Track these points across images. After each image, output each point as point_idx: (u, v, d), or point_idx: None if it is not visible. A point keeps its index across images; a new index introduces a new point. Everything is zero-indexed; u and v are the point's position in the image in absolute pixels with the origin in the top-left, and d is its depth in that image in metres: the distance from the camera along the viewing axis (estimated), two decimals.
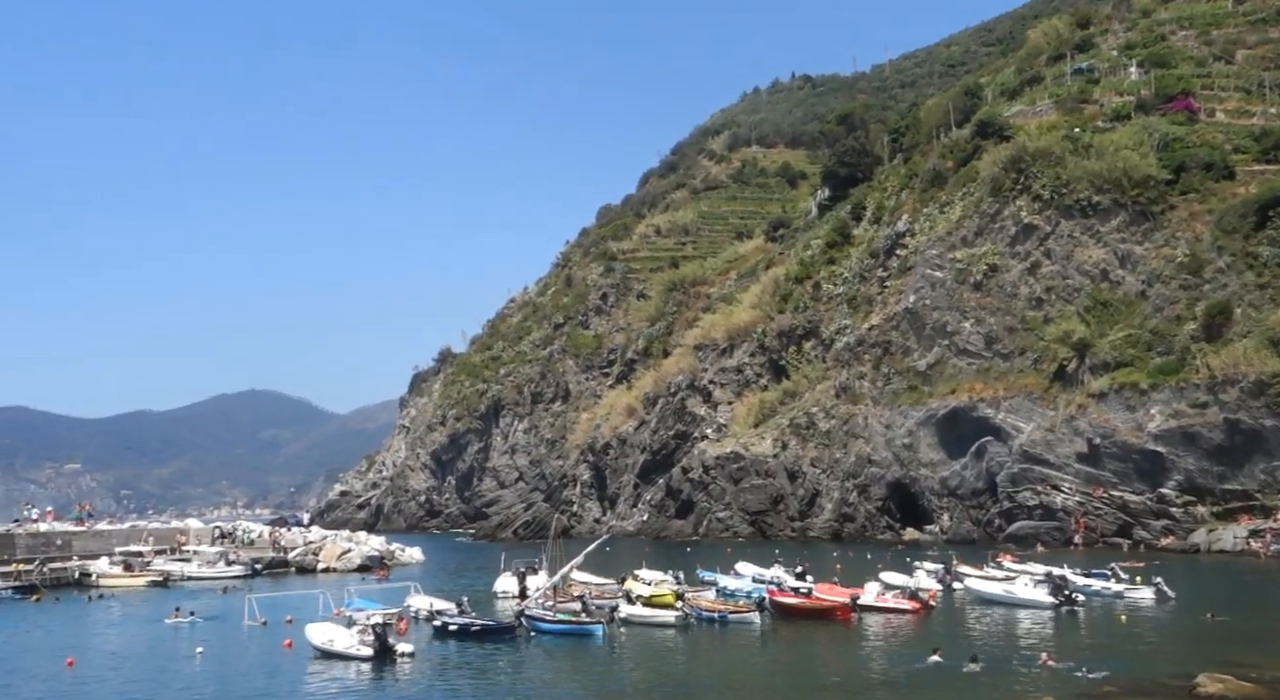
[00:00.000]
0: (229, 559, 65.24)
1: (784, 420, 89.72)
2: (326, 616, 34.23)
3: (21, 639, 38.18)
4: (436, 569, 66.82)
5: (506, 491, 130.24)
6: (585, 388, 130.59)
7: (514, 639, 34.26)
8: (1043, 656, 26.91)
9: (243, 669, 29.92)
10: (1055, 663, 26.28)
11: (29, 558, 61.34)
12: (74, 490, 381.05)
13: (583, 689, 25.80)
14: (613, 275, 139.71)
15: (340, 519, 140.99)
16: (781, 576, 46.42)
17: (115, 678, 28.66)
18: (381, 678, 28.07)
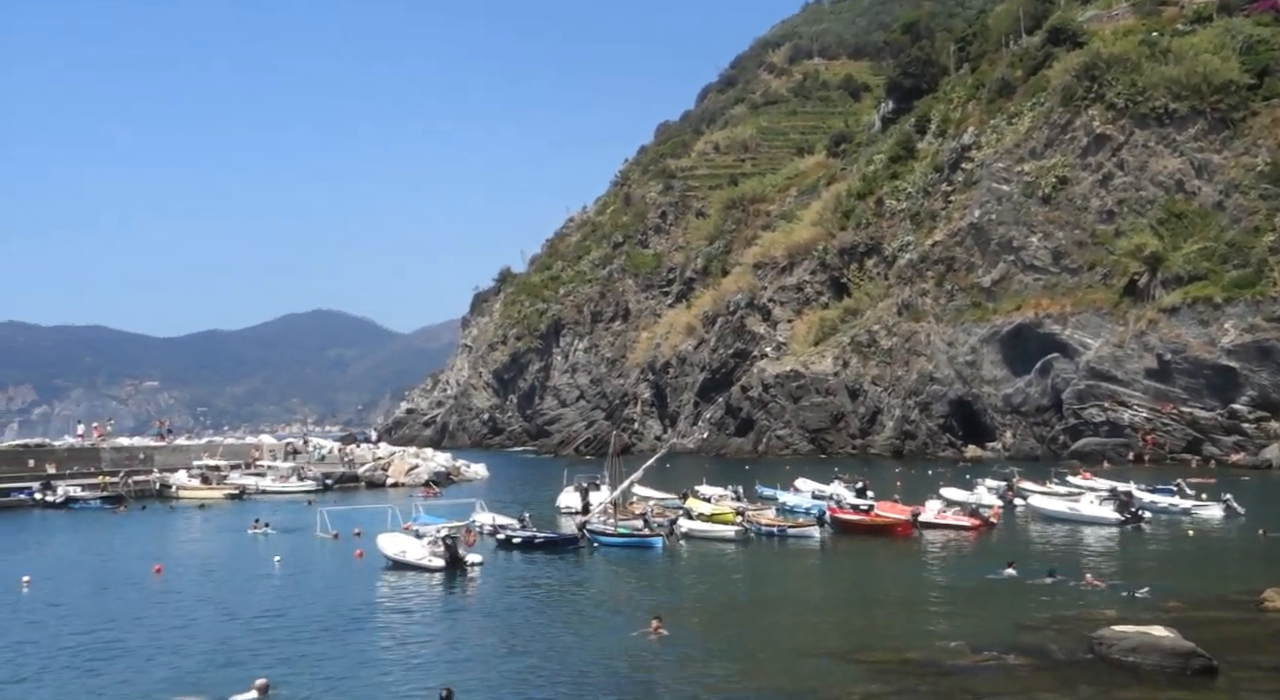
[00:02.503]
0: (301, 474, 67.37)
1: (845, 338, 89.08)
2: (395, 530, 35.29)
3: (111, 546, 40.10)
4: (500, 485, 68.33)
5: (568, 410, 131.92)
6: (645, 306, 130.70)
7: (576, 552, 35.06)
8: (1086, 577, 26.80)
9: (320, 577, 31.15)
10: (1100, 583, 26.16)
11: (114, 470, 64.11)
12: (153, 407, 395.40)
13: (644, 599, 26.43)
14: (671, 193, 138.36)
15: (407, 436, 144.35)
16: (841, 493, 46.65)
17: (202, 584, 30.04)
18: (453, 586, 29.03)
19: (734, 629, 22.72)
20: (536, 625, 23.27)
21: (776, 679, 18.06)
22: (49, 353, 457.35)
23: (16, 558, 36.89)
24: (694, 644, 20.86)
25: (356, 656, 20.44)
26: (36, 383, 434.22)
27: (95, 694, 17.85)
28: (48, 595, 28.54)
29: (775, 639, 21.58)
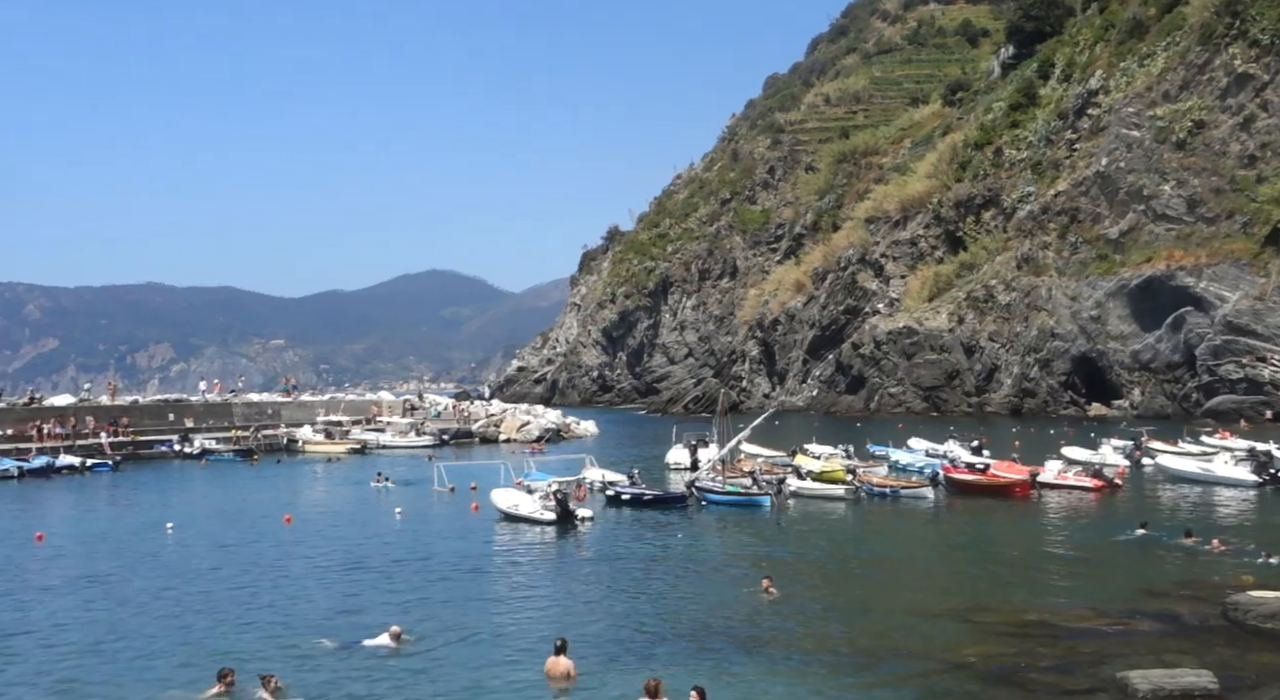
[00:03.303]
0: (419, 429, 69.40)
1: (960, 293, 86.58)
2: (508, 485, 36.04)
3: (244, 497, 42.17)
4: (610, 441, 69.05)
5: (676, 367, 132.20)
6: (753, 263, 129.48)
7: (684, 508, 35.19)
8: (1214, 541, 25.48)
9: (437, 529, 32.11)
10: (1229, 547, 24.88)
11: (245, 424, 67.30)
12: (279, 364, 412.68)
13: (752, 556, 26.39)
14: (780, 148, 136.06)
15: (518, 393, 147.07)
16: (956, 452, 45.60)
17: (329, 534, 31.30)
18: (564, 541, 29.54)
19: (845, 589, 22.50)
20: (646, 580, 23.48)
21: (889, 639, 17.83)
22: (184, 313, 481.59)
23: (160, 505, 39.16)
24: (805, 603, 20.73)
25: (473, 605, 21.01)
26: (174, 341, 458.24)
27: (236, 635, 18.78)
28: (189, 541, 30.21)
29: (887, 599, 21.29)
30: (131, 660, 17.12)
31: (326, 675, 15.91)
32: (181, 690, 15.18)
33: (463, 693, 15.09)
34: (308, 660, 16.80)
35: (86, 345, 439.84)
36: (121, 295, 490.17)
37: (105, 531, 32.90)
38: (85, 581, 24.25)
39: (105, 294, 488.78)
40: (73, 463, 53.17)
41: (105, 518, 37.47)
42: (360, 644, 17.55)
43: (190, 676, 15.91)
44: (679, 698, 13.83)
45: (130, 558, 27.39)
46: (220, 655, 16.81)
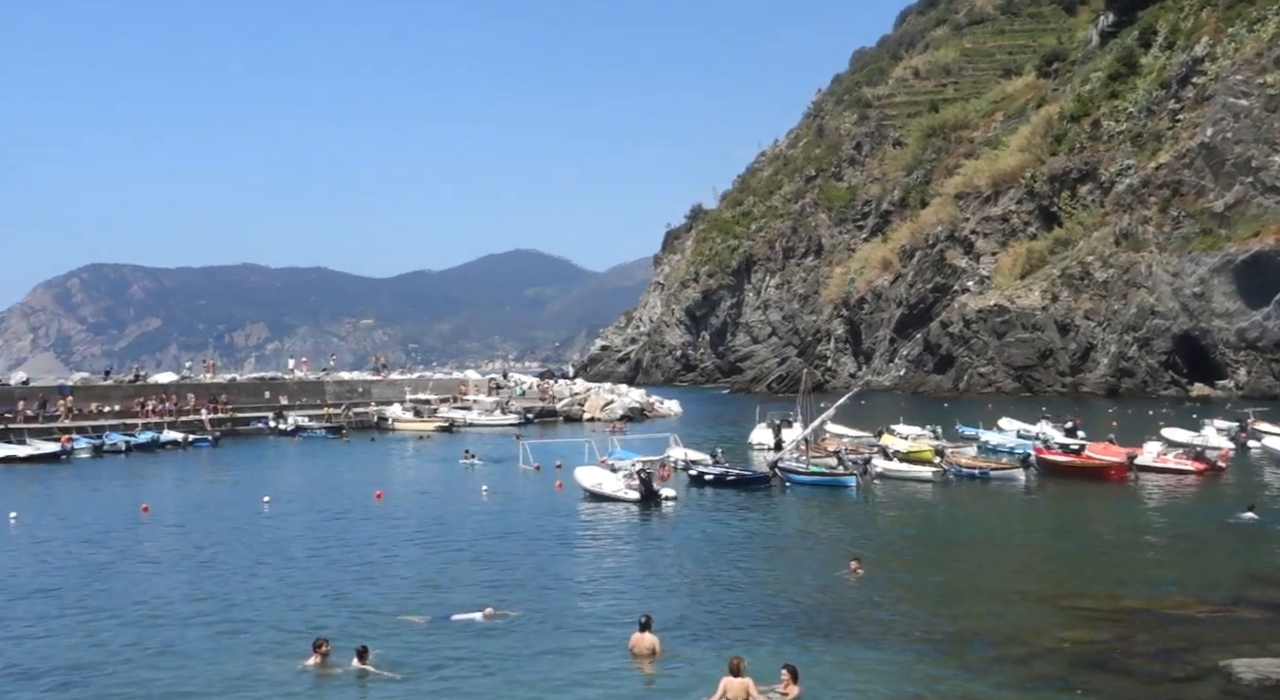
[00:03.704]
0: (504, 408, 70.36)
1: (1054, 270, 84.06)
2: (592, 463, 36.27)
3: (336, 472, 43.34)
4: (693, 421, 69.01)
5: (759, 346, 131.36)
6: (838, 241, 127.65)
7: (768, 488, 34.97)
8: None
9: (523, 506, 32.51)
10: None
11: (337, 402, 69.11)
12: (369, 343, 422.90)
13: (835, 536, 26.11)
14: (867, 123, 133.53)
15: (602, 372, 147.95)
16: (1049, 433, 44.39)
17: (418, 509, 31.95)
18: (648, 519, 29.63)
19: (933, 571, 22.09)
20: (729, 560, 23.42)
21: (980, 622, 17.45)
22: (278, 293, 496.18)
23: (257, 480, 40.52)
24: (892, 585, 20.43)
25: (558, 582, 21.23)
26: (269, 320, 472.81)
27: (329, 607, 19.31)
28: (284, 514, 31.17)
29: (978, 582, 20.84)
30: (229, 630, 17.72)
31: (417, 648, 16.23)
32: (278, 660, 15.65)
33: (548, 668, 15.26)
34: (399, 633, 17.17)
35: (187, 324, 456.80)
36: (219, 276, 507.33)
37: (206, 504, 34.17)
38: (187, 552, 25.20)
39: (204, 275, 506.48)
40: (176, 438, 55.35)
41: (206, 491, 38.92)
42: (451, 618, 17.87)
43: (286, 647, 16.39)
44: (769, 677, 13.77)
45: (229, 530, 28.39)
46: (315, 626, 17.30)
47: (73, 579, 22.09)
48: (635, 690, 14.61)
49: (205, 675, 15.04)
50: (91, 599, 20.09)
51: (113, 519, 30.73)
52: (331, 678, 14.81)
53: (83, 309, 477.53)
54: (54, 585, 21.38)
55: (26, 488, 38.89)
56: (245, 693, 14.30)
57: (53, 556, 24.78)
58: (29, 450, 48.54)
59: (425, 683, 14.60)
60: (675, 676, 14.90)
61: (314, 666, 15.05)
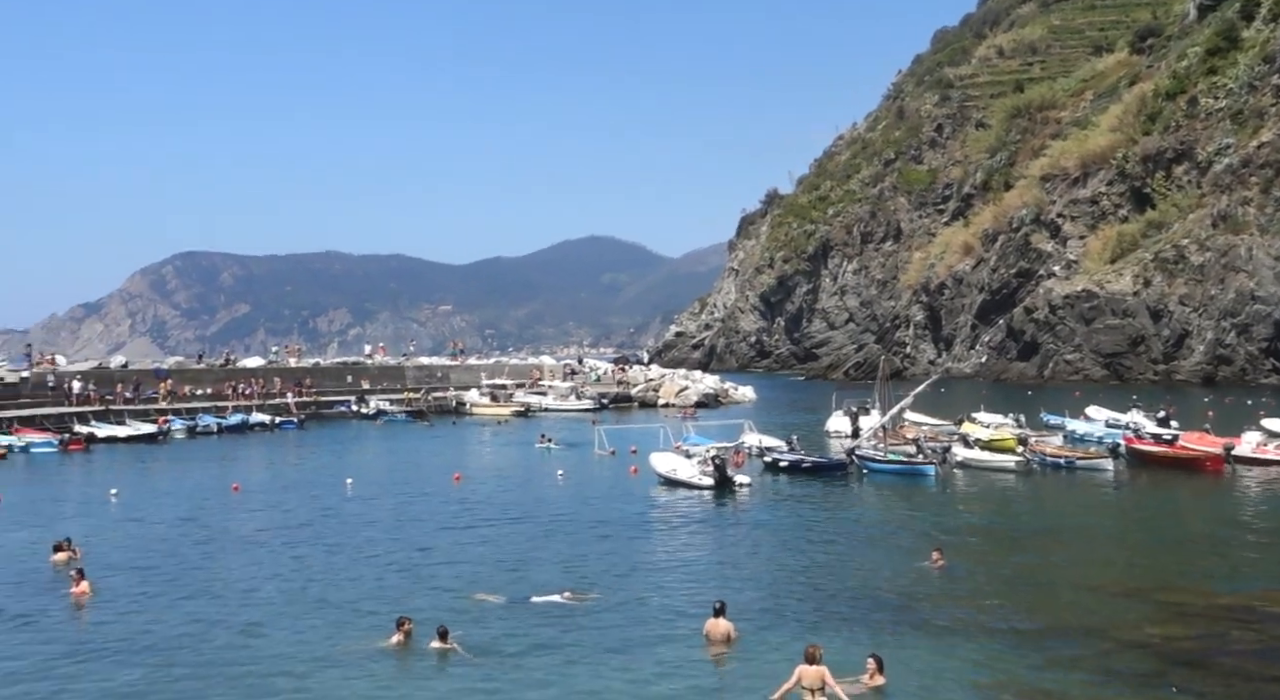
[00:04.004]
0: (579, 393, 70.82)
1: (1147, 254, 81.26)
2: (667, 449, 36.26)
3: (416, 455, 44.16)
4: (768, 407, 68.58)
5: (836, 333, 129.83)
6: (918, 226, 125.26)
7: (844, 476, 34.57)
8: None
9: (598, 491, 32.70)
10: None
11: (416, 387, 70.39)
12: (447, 329, 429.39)
13: (915, 526, 25.68)
14: (949, 104, 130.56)
15: (676, 358, 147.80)
16: (1140, 422, 43.00)
17: (495, 493, 32.38)
18: (722, 505, 29.54)
19: (1017, 562, 21.57)
20: (805, 548, 23.21)
21: (1066, 615, 17.00)
22: (360, 281, 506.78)
23: (340, 462, 41.50)
24: (975, 576, 20.03)
25: (633, 567, 21.29)
26: (351, 306, 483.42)
27: (410, 587, 19.67)
28: (366, 496, 31.85)
29: (1064, 574, 20.29)
30: (313, 607, 18.17)
31: (495, 629, 16.43)
32: (362, 637, 15.98)
33: (623, 652, 15.32)
34: (478, 614, 17.41)
35: (274, 310, 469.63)
36: (304, 263, 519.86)
37: (292, 485, 35.11)
38: (274, 531, 25.92)
39: (289, 262, 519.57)
40: (263, 420, 57.04)
41: (292, 472, 39.99)
42: (531, 600, 18.03)
43: (370, 624, 16.73)
44: (851, 666, 13.65)
45: (314, 510, 29.11)
46: (396, 606, 17.62)
47: (167, 555, 22.90)
48: (711, 676, 14.59)
49: (290, 651, 15.45)
50: (185, 575, 20.80)
51: (205, 498, 31.79)
52: (413, 657, 15.07)
53: (176, 295, 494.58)
54: (150, 561, 22.18)
55: (126, 466, 40.44)
56: (330, 669, 14.64)
57: (149, 533, 25.72)
58: (129, 431, 50.54)
59: (503, 664, 14.78)
60: (751, 663, 14.84)
61: (396, 645, 15.34)
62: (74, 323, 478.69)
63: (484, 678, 14.23)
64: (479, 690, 13.78)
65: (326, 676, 14.28)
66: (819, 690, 13.07)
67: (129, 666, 14.98)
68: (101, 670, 14.80)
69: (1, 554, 23.20)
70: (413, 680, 14.26)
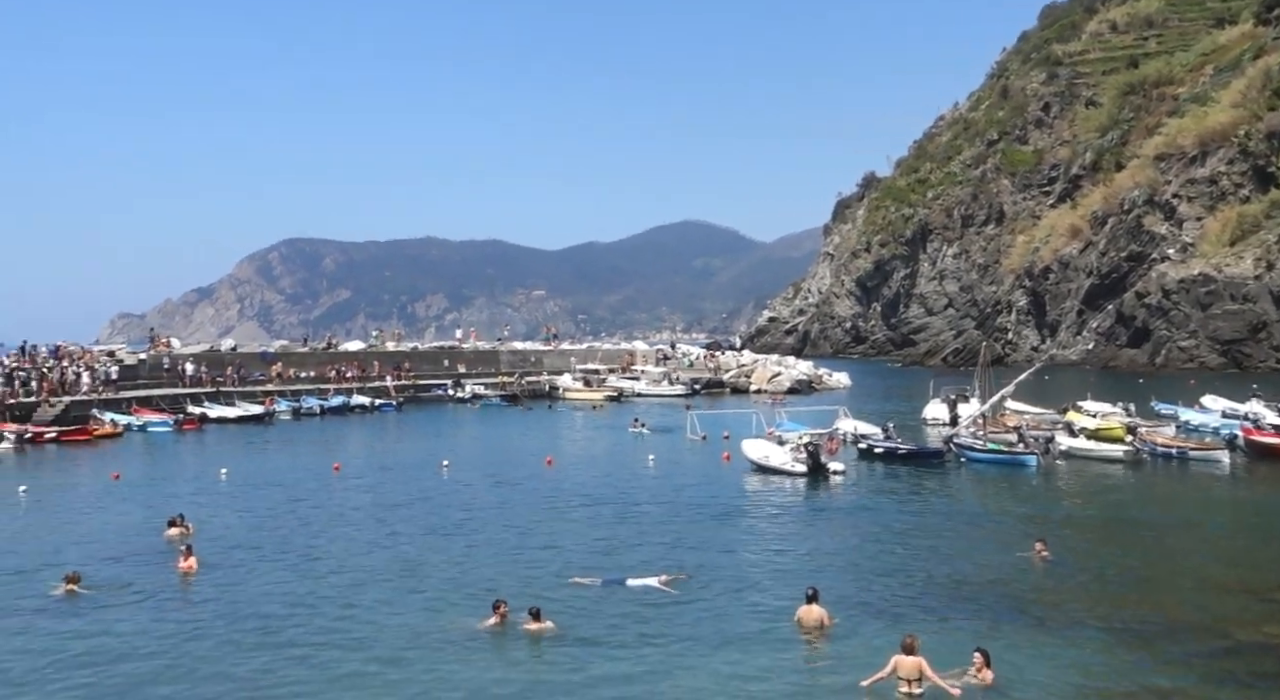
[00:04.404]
0: (671, 378, 70.79)
1: (1270, 236, 77.27)
2: (759, 435, 35.95)
3: (509, 439, 44.76)
4: (863, 394, 67.51)
5: (934, 318, 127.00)
6: (1022, 208, 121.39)
7: (942, 465, 33.78)
8: None
9: (690, 477, 32.60)
10: None
11: (510, 371, 71.36)
12: (540, 314, 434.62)
13: (1016, 516, 24.91)
14: (1057, 82, 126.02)
15: (769, 344, 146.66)
16: (1260, 412, 40.94)
17: (588, 477, 32.54)
18: (815, 492, 29.15)
19: (1125, 556, 20.69)
20: (902, 536, 22.73)
21: (1179, 612, 16.26)
22: (457, 266, 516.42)
23: (436, 444, 42.33)
24: (1081, 570, 19.29)
25: (725, 553, 21.14)
26: (448, 291, 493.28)
27: (505, 568, 19.92)
28: (462, 478, 32.39)
29: (1175, 570, 19.42)
30: (412, 587, 18.53)
31: (589, 612, 16.50)
32: (457, 618, 16.20)
33: (716, 636, 15.23)
34: (572, 596, 17.50)
35: (373, 295, 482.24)
36: (403, 249, 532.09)
37: (390, 466, 35.93)
38: (373, 511, 26.55)
39: (389, 248, 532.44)
40: (364, 402, 58.59)
41: (390, 453, 40.95)
42: (627, 583, 18.05)
43: (464, 606, 16.96)
44: (950, 659, 13.32)
45: (411, 491, 29.74)
46: (492, 587, 17.85)
47: (272, 533, 23.66)
48: (803, 663, 14.40)
49: (388, 629, 15.76)
50: (287, 552, 21.45)
51: (309, 477, 32.78)
52: (508, 638, 15.21)
53: (282, 281, 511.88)
54: (255, 539, 22.93)
55: (235, 446, 42.00)
56: (426, 648, 14.90)
57: (255, 511, 26.62)
58: (238, 411, 52.52)
59: (596, 646, 14.83)
60: (845, 651, 14.61)
61: (492, 626, 15.51)
62: (187, 307, 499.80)
63: (577, 660, 14.30)
64: (572, 672, 13.85)
65: (424, 655, 14.52)
66: (915, 681, 12.79)
67: (232, 640, 15.49)
68: (206, 644, 15.32)
69: (119, 528, 24.30)
70: (508, 662, 14.41)
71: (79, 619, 16.61)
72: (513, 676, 13.77)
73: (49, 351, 53.86)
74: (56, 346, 55.59)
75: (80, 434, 43.21)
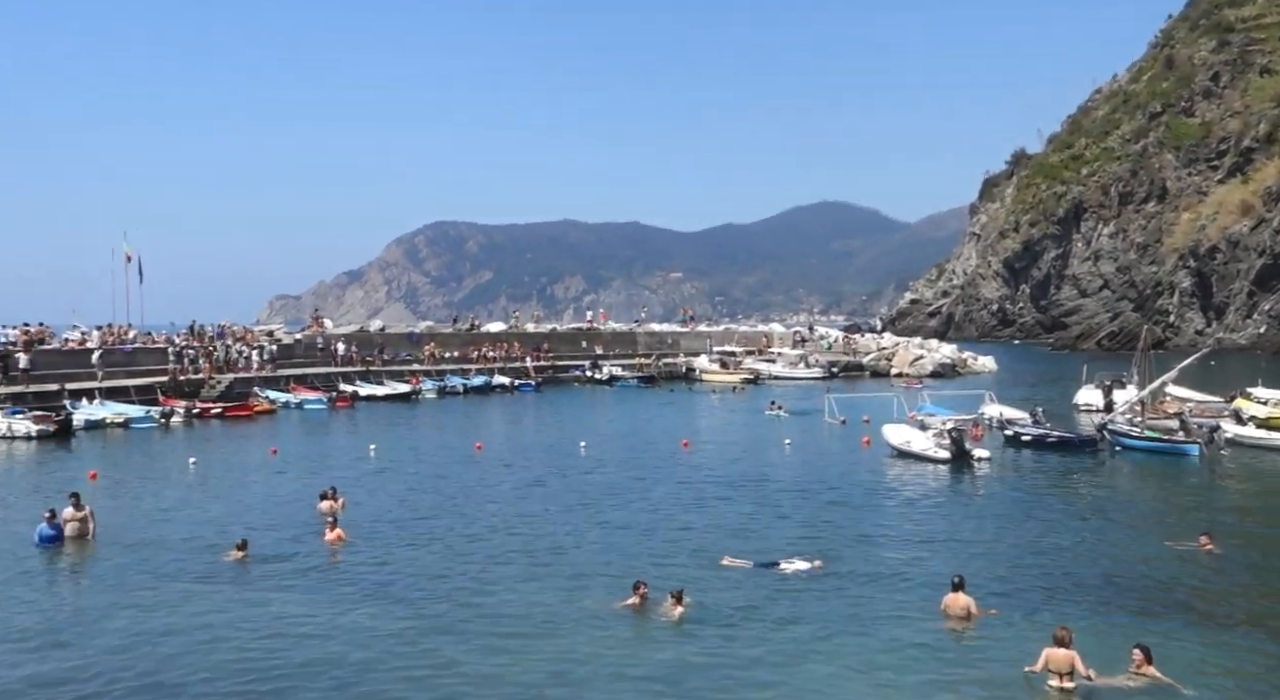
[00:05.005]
0: (808, 361, 69.88)
1: None
2: (900, 419, 35.07)
3: (646, 421, 45.06)
4: (1010, 378, 65.14)
5: (1088, 300, 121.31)
6: (1186, 184, 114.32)
7: (1095, 453, 32.22)
8: None
9: (828, 462, 32.10)
10: None
11: (647, 353, 71.83)
12: (678, 296, 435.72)
13: (1176, 508, 23.52)
14: (1228, 50, 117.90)
15: (911, 326, 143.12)
16: None
17: (725, 460, 32.41)
18: (959, 480, 28.27)
19: None
20: (1051, 526, 21.78)
21: None
22: (594, 247, 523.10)
23: (574, 424, 43.02)
24: (1253, 567, 18.08)
25: (867, 538, 20.72)
26: (585, 273, 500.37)
27: (644, 550, 20.07)
28: (600, 458, 32.77)
29: None
30: (551, 565, 18.80)
31: (731, 594, 16.39)
32: (599, 598, 16.36)
33: (856, 624, 14.93)
34: (711, 578, 17.43)
35: (514, 277, 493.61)
36: (543, 231, 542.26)
37: (530, 445, 36.72)
38: (513, 490, 27.14)
39: (529, 231, 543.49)
40: (504, 383, 60.15)
41: (530, 433, 41.86)
42: (777, 567, 17.85)
43: (604, 585, 17.11)
44: (1105, 654, 12.73)
45: (550, 470, 30.28)
46: (630, 567, 18.00)
47: (415, 508, 24.46)
48: (947, 652, 13.99)
49: (529, 608, 15.98)
50: (430, 528, 22.10)
51: (452, 455, 33.82)
52: (649, 620, 15.28)
53: (427, 263, 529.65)
54: (399, 513, 23.76)
55: (383, 423, 43.71)
56: (565, 625, 15.09)
57: (401, 486, 27.61)
58: (386, 390, 54.66)
59: (737, 629, 14.73)
60: (992, 642, 14.12)
61: (632, 607, 15.61)
62: (339, 289, 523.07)
63: (715, 642, 14.26)
64: (709, 654, 13.81)
65: (564, 634, 14.69)
66: (1067, 675, 12.30)
67: (376, 607, 16.10)
68: (352, 613, 15.90)
69: (275, 500, 25.63)
70: (648, 642, 14.45)
71: (245, 584, 17.61)
72: (651, 656, 13.81)
73: (214, 331, 57.29)
74: (221, 326, 59.09)
75: (242, 410, 45.78)
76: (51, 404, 41.36)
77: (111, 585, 17.51)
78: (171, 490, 27.11)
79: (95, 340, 50.44)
